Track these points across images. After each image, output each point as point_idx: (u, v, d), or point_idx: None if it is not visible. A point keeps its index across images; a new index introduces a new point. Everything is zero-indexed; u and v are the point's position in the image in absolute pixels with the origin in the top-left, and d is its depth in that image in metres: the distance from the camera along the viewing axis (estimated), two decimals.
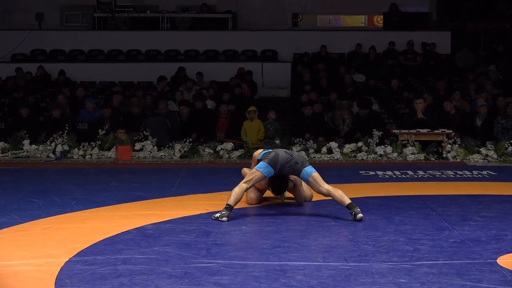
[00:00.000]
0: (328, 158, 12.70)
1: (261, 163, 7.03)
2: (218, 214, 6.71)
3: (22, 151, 12.95)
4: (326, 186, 6.95)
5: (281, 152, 7.08)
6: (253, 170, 7.05)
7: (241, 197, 6.92)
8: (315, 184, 6.99)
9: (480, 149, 12.51)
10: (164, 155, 12.86)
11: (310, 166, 7.05)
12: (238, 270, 4.92)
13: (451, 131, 12.86)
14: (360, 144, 12.87)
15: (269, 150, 7.34)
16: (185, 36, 20.07)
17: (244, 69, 18.09)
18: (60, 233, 6.15)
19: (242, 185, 6.94)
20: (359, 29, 21.66)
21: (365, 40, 19.25)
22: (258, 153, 7.41)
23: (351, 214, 6.69)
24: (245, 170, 7.76)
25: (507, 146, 12.39)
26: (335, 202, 6.96)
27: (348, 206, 6.74)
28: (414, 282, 4.66)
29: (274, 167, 6.98)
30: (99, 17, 20.56)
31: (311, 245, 5.73)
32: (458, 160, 12.37)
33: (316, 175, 6.99)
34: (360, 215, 6.64)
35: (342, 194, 6.86)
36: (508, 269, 4.98)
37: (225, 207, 6.73)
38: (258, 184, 7.33)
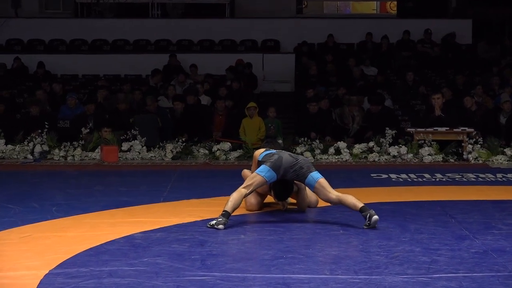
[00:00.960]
0: (336, 160, 12.71)
1: (262, 166, 7.03)
2: (214, 222, 6.71)
3: None
4: (335, 193, 6.96)
5: (285, 155, 7.08)
6: (254, 174, 7.04)
7: (240, 204, 6.92)
8: (323, 191, 6.99)
9: (504, 150, 12.52)
10: (155, 156, 12.87)
11: (316, 171, 7.06)
12: (236, 284, 4.92)
13: (472, 129, 12.86)
14: (371, 144, 12.88)
15: (272, 151, 7.34)
16: (177, 25, 20.08)
17: (243, 61, 18.09)
18: (40, 243, 6.15)
19: (241, 191, 6.94)
20: (370, 17, 21.69)
21: (377, 28, 19.26)
22: (259, 153, 7.41)
23: (365, 217, 6.69)
24: (246, 172, 7.76)
25: None
26: (343, 208, 6.97)
27: (361, 209, 6.75)
28: None
29: (277, 172, 6.98)
30: (82, 3, 20.61)
31: (317, 256, 5.73)
32: (480, 161, 12.38)
33: (323, 181, 7.00)
34: (376, 217, 6.66)
35: (353, 198, 6.89)
36: None
37: (222, 213, 6.74)
38: (259, 189, 7.34)
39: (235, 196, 6.87)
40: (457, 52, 18.74)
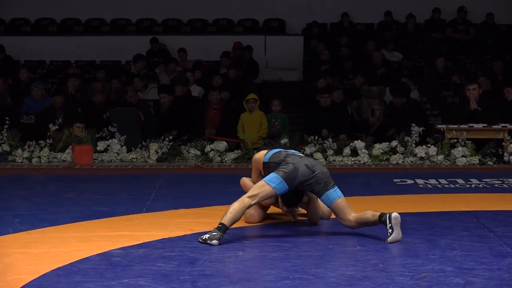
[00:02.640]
0: (353, 162, 12.72)
1: (273, 175, 6.99)
2: (207, 236, 6.71)
3: None
4: (353, 214, 6.97)
5: (302, 166, 7.03)
6: (262, 183, 7.00)
7: (241, 217, 6.91)
8: (339, 214, 7.02)
9: None
10: (136, 158, 12.88)
11: (334, 188, 7.02)
12: None
13: None
14: (394, 143, 12.89)
15: (279, 150, 7.33)
16: (163, 1, 20.06)
17: (241, 44, 18.10)
18: None
19: (244, 200, 6.91)
20: None
21: (401, 6, 19.25)
22: (262, 155, 7.39)
23: (385, 222, 6.70)
24: (245, 181, 7.72)
25: None
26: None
27: (380, 216, 6.78)
28: None
29: (290, 184, 6.97)
30: None
31: (330, 276, 5.74)
32: None
33: (341, 201, 6.99)
34: (395, 214, 6.68)
35: (371, 210, 6.91)
36: None
37: (218, 226, 6.73)
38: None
39: (236, 206, 6.85)
40: (496, 35, 18.73)
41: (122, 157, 12.88)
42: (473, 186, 10.32)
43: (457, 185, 10.35)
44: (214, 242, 6.64)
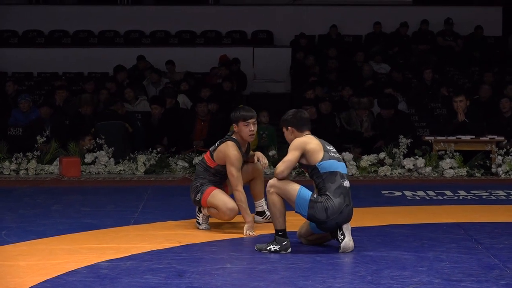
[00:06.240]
0: None
1: (306, 202, 6.79)
2: (277, 247, 6.76)
3: None
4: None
5: (331, 224, 6.84)
6: (296, 192, 6.81)
7: (283, 208, 6.91)
8: (306, 233, 7.15)
9: None
10: (124, 170, 12.86)
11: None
12: None
13: (502, 138, 12.90)
14: (382, 155, 12.90)
15: (336, 167, 6.90)
16: (151, 13, 20.09)
17: (227, 56, 18.11)
18: None
19: (274, 198, 6.83)
20: (381, 4, 21.69)
21: (390, 18, 19.32)
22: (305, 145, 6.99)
23: (335, 231, 6.82)
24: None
25: None
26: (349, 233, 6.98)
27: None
28: None
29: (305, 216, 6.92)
30: None
31: None
32: None
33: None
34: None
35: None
36: None
37: (280, 234, 6.78)
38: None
39: (277, 204, 6.82)
40: (484, 46, 18.79)
41: (109, 169, 12.86)
42: (461, 198, 10.34)
43: (445, 197, 10.38)
44: (290, 250, 6.79)
